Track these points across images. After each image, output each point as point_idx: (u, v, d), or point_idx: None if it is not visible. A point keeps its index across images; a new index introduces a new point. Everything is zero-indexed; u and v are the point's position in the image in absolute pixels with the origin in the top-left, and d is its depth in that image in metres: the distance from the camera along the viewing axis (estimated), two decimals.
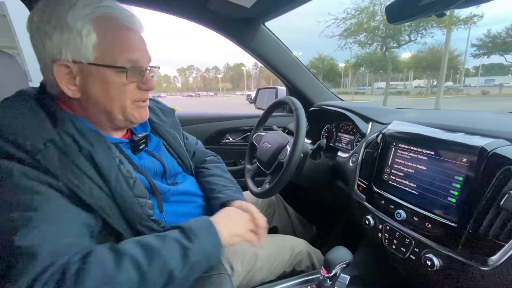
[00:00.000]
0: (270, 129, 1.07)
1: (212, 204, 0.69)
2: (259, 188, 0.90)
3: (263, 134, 1.03)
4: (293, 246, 0.81)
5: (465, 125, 0.59)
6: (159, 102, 0.79)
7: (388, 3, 0.60)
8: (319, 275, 0.57)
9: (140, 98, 0.54)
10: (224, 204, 0.66)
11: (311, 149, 0.92)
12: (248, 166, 1.05)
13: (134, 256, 0.40)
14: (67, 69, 0.47)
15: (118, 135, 0.60)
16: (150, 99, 0.75)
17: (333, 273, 0.55)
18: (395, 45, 14.23)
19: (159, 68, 0.60)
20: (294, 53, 1.34)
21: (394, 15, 0.59)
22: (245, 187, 0.95)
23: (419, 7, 0.53)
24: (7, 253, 0.36)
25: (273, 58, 1.27)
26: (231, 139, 1.42)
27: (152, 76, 0.57)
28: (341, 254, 0.54)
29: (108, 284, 0.37)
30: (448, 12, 0.54)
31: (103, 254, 0.40)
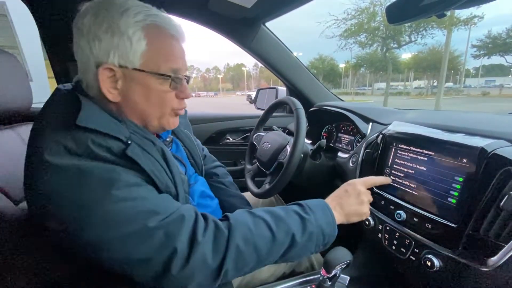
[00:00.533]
0: (270, 129, 1.07)
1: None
2: (259, 189, 0.90)
3: (263, 134, 1.03)
4: None
5: (465, 125, 0.60)
6: None
7: (388, 3, 0.60)
8: (319, 275, 0.57)
9: (179, 107, 0.55)
10: None
11: (311, 149, 0.92)
12: (248, 166, 1.05)
13: (266, 219, 0.49)
14: (111, 72, 0.47)
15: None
16: None
17: (332, 273, 0.54)
18: (395, 45, 14.22)
19: (189, 77, 0.59)
20: (295, 54, 1.35)
21: (395, 15, 0.59)
22: (245, 188, 0.96)
23: (419, 7, 0.53)
24: (148, 235, 0.39)
25: (273, 59, 1.27)
26: (231, 139, 1.43)
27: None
28: (341, 254, 0.54)
29: (250, 237, 0.45)
30: (448, 13, 0.54)
31: (244, 215, 0.49)
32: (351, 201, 0.60)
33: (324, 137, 1.25)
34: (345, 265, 0.54)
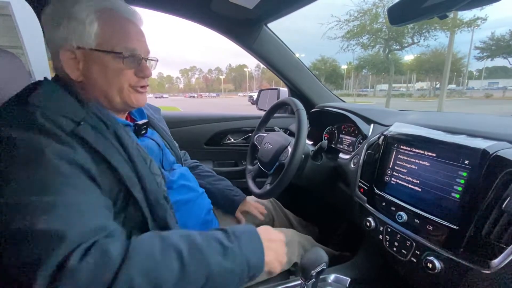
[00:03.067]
0: (272, 130, 1.07)
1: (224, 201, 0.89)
2: (260, 189, 0.90)
3: (265, 135, 1.03)
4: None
5: (467, 127, 0.59)
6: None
7: (390, 4, 0.60)
8: (300, 281, 0.52)
9: (137, 84, 0.59)
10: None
11: (313, 150, 0.92)
12: (249, 167, 1.05)
13: (179, 247, 0.41)
14: (72, 54, 0.52)
15: (122, 118, 0.64)
16: None
17: (311, 280, 0.50)
18: (398, 47, 14.18)
19: (157, 60, 0.65)
20: (297, 55, 1.35)
21: (397, 16, 0.59)
22: (246, 188, 0.96)
23: (421, 9, 0.53)
24: (30, 236, 0.35)
25: (275, 60, 1.27)
26: (232, 140, 1.43)
27: (152, 66, 0.63)
28: (315, 258, 0.49)
29: (152, 269, 0.38)
30: (451, 15, 0.54)
31: (152, 241, 0.41)
32: (278, 241, 0.55)
33: (326, 138, 1.25)
34: (320, 269, 0.49)
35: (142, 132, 0.67)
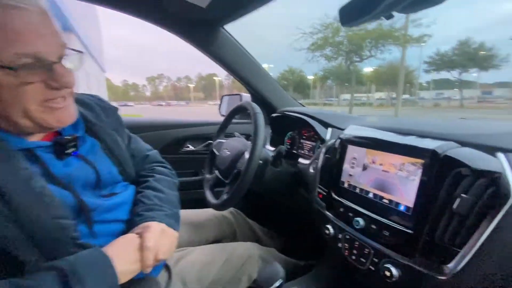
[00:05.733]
0: (232, 136, 1.01)
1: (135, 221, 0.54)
2: (217, 200, 0.83)
3: (224, 141, 0.97)
4: (242, 253, 0.76)
5: (416, 128, 0.59)
6: (102, 99, 0.67)
7: (342, 5, 0.59)
8: None
9: (49, 97, 0.43)
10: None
11: (272, 156, 0.88)
12: (208, 176, 0.98)
13: None
14: None
15: (36, 138, 0.49)
16: (91, 95, 0.65)
17: None
18: (358, 59, 15.25)
19: (81, 52, 0.49)
20: (265, 66, 1.34)
21: (346, 17, 0.58)
22: (205, 199, 0.88)
23: (369, 8, 0.53)
24: None
25: (234, 63, 1.22)
26: (191, 147, 1.34)
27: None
28: (271, 274, 0.47)
29: None
30: (402, 20, 0.54)
31: None
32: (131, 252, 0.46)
33: (288, 143, 1.23)
34: (278, 284, 0.46)
35: (68, 150, 0.50)
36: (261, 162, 0.81)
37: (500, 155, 0.43)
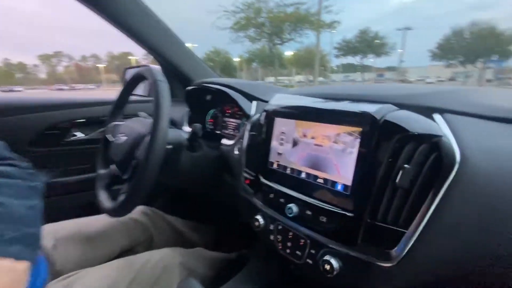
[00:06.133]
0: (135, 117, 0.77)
1: None
2: (113, 202, 0.61)
3: (122, 123, 0.73)
4: (156, 263, 0.61)
5: (349, 92, 0.52)
6: None
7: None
8: None
9: None
10: None
11: (187, 138, 0.70)
12: (102, 172, 0.73)
13: None
14: None
15: None
16: None
17: None
18: (279, 42, 15.85)
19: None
20: (189, 45, 1.09)
21: None
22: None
23: None
24: None
25: (136, 25, 0.95)
26: (81, 135, 1.02)
27: None
28: None
29: None
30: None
31: None
32: None
33: (210, 123, 1.06)
34: None
35: None
36: (170, 146, 0.63)
37: (437, 117, 0.38)
